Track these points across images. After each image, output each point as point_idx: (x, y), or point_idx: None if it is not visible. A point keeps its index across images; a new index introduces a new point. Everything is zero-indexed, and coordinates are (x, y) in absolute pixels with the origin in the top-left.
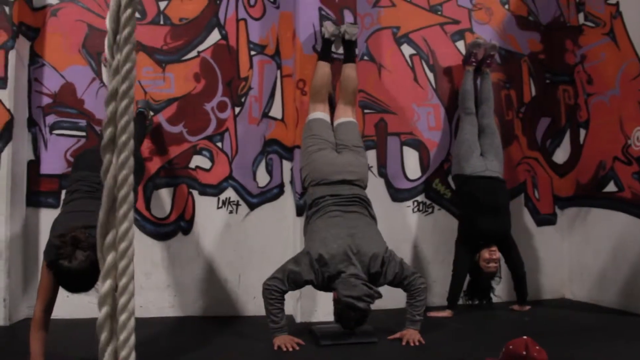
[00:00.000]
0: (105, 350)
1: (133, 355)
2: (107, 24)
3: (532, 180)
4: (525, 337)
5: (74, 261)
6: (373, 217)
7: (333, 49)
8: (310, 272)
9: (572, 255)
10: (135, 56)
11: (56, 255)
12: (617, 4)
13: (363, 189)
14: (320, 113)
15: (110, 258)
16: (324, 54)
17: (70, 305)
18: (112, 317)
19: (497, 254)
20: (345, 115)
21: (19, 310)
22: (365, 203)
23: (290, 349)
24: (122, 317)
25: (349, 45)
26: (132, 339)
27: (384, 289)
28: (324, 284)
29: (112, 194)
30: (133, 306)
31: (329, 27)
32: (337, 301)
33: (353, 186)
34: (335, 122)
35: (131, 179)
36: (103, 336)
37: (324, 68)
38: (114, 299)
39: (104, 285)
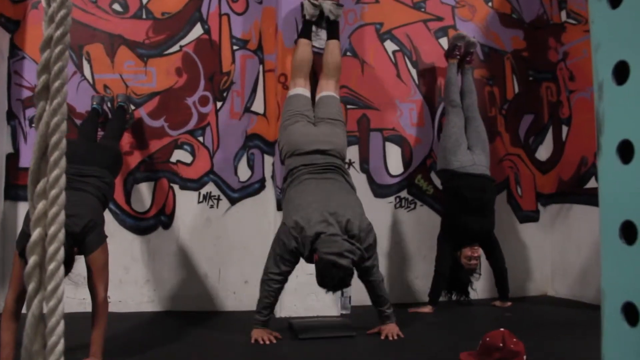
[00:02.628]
0: (32, 300)
1: (61, 306)
2: None
3: (514, 177)
4: (502, 329)
5: None
6: (351, 185)
7: (314, 44)
8: (291, 239)
9: (555, 252)
10: (70, 3)
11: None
12: None
13: (339, 159)
14: (299, 89)
15: (40, 206)
16: (305, 33)
17: None
18: (40, 266)
19: (479, 252)
20: (327, 89)
21: None
22: (341, 170)
23: (267, 342)
24: (51, 266)
25: (333, 25)
26: (61, 289)
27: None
28: (309, 251)
29: (44, 141)
30: (62, 255)
31: (308, 9)
32: (318, 261)
33: (327, 156)
34: (317, 97)
35: (64, 125)
36: (31, 286)
37: (305, 46)
38: (44, 248)
39: (33, 234)
